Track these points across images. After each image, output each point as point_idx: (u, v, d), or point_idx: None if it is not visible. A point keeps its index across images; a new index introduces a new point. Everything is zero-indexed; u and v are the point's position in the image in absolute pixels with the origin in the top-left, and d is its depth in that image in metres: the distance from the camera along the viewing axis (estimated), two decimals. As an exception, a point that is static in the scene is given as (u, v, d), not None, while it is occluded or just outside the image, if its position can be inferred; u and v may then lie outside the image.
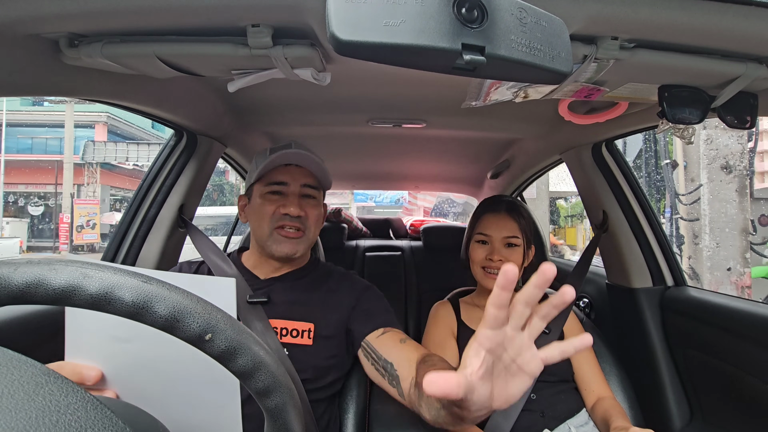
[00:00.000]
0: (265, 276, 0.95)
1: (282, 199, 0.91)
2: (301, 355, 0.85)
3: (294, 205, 0.90)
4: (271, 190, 0.91)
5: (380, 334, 0.85)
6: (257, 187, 0.93)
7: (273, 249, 0.90)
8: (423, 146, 1.64)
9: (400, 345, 0.82)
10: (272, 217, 0.90)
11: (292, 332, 0.87)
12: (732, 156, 4.65)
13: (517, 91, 0.79)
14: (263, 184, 0.92)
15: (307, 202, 0.93)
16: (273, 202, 0.91)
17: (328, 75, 0.73)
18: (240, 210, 1.01)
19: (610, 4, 0.51)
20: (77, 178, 15.14)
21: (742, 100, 0.73)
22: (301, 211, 0.90)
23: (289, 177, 0.92)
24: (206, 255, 0.99)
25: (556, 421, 0.93)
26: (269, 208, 0.90)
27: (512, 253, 1.03)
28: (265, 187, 0.92)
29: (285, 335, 0.86)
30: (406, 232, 2.75)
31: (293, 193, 0.92)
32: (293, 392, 0.40)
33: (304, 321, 0.88)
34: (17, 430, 0.22)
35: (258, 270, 0.96)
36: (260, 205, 0.91)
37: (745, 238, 4.62)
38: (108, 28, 0.60)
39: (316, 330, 0.87)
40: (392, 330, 0.86)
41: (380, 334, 0.85)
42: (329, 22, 0.35)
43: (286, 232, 0.90)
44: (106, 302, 0.32)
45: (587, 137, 1.23)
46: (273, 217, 0.90)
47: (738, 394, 1.00)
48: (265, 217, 0.90)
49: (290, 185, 0.92)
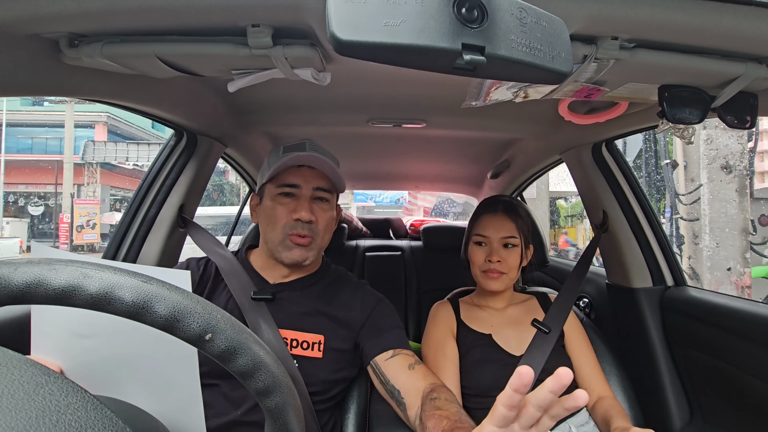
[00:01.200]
0: (274, 281, 0.92)
1: (293, 202, 0.89)
2: (311, 369, 0.83)
3: (305, 209, 0.87)
4: (282, 192, 0.89)
5: (389, 357, 0.85)
6: (269, 187, 0.91)
7: (283, 255, 0.88)
8: (423, 146, 1.64)
9: (408, 372, 0.82)
10: (285, 224, 0.88)
11: (302, 344, 0.85)
12: (732, 156, 4.65)
13: (517, 91, 0.79)
14: (275, 185, 0.90)
15: (319, 206, 0.91)
16: (284, 206, 0.89)
17: (328, 75, 0.73)
18: (252, 210, 0.99)
19: (610, 4, 0.51)
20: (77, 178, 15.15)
21: (742, 100, 0.73)
22: (312, 216, 0.88)
23: (301, 179, 0.89)
24: (211, 250, 0.98)
25: (556, 420, 0.93)
26: (281, 212, 0.88)
27: (510, 254, 1.02)
28: (277, 188, 0.89)
29: (296, 347, 0.84)
30: (406, 232, 2.75)
31: (305, 197, 0.89)
32: (293, 392, 0.40)
33: (314, 333, 0.86)
34: (17, 430, 0.22)
35: (267, 273, 0.93)
36: (271, 209, 0.89)
37: (745, 238, 4.62)
38: (108, 28, 0.60)
39: (326, 342, 0.86)
40: (402, 353, 0.86)
41: (389, 356, 0.85)
42: (329, 22, 0.35)
43: (297, 238, 0.88)
44: (107, 302, 0.32)
45: (587, 137, 1.23)
46: (286, 225, 0.88)
47: (738, 394, 1.00)
48: (278, 223, 0.88)
49: (302, 188, 0.89)
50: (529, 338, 1.01)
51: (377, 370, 0.85)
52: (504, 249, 1.03)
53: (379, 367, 0.84)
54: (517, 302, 1.11)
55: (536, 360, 0.97)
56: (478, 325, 1.05)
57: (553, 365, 0.98)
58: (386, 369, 0.84)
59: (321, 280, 0.96)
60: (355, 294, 0.95)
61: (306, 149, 0.90)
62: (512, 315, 1.07)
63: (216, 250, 0.98)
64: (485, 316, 1.07)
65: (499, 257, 1.01)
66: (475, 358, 1.00)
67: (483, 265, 1.03)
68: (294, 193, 0.89)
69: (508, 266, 1.02)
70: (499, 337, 1.02)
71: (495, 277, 1.02)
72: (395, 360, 0.84)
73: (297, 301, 0.90)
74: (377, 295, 0.98)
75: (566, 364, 1.01)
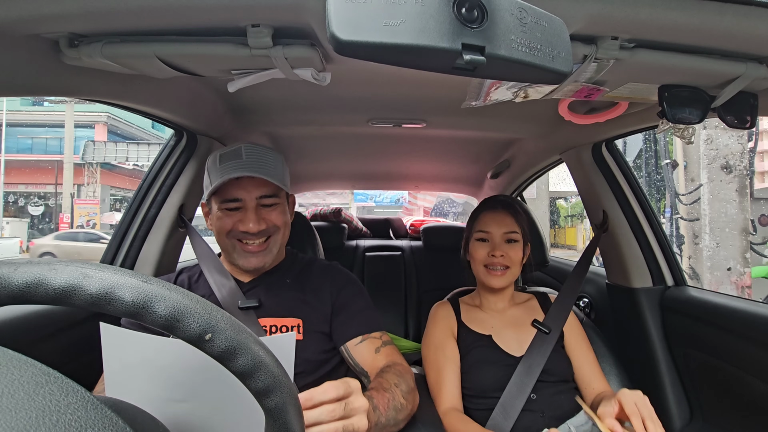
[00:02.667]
0: (246, 279, 0.95)
1: (239, 213, 0.87)
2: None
3: (252, 221, 0.86)
4: (228, 207, 0.87)
5: (358, 342, 0.89)
6: (214, 199, 0.89)
7: (240, 263, 0.90)
8: (423, 146, 1.64)
9: (374, 355, 0.87)
10: (230, 232, 0.88)
11: (281, 328, 0.88)
12: (732, 156, 4.65)
13: (517, 91, 0.79)
14: (219, 199, 0.88)
15: (268, 212, 0.89)
16: (231, 217, 0.87)
17: (328, 75, 0.73)
18: (205, 217, 0.98)
19: (610, 4, 0.51)
20: (77, 178, 15.15)
21: (742, 100, 0.73)
22: (260, 225, 0.87)
23: (243, 192, 0.87)
24: (202, 260, 0.99)
25: (556, 420, 0.93)
26: (228, 223, 0.87)
27: (512, 249, 1.03)
28: (221, 203, 0.88)
29: (275, 332, 0.87)
30: (406, 232, 2.75)
31: (250, 208, 0.87)
32: (293, 392, 0.40)
33: (292, 317, 0.89)
34: (17, 430, 0.22)
35: (236, 275, 0.95)
36: (219, 220, 0.88)
37: (745, 238, 4.62)
38: (108, 28, 0.60)
39: (305, 325, 0.89)
40: (369, 338, 0.89)
41: (358, 342, 0.89)
42: (329, 22, 0.35)
43: (249, 247, 0.88)
44: (106, 302, 0.32)
45: (587, 137, 1.23)
46: (232, 233, 0.88)
47: (738, 394, 1.00)
48: (223, 232, 0.88)
49: (245, 200, 0.87)
50: (530, 339, 1.01)
51: (348, 354, 0.89)
52: (506, 244, 1.04)
53: (349, 352, 0.89)
54: (518, 302, 1.11)
55: (536, 361, 0.97)
56: (479, 326, 1.05)
57: (554, 365, 0.98)
58: (355, 353, 0.88)
59: (290, 269, 0.98)
60: (324, 276, 0.97)
61: (242, 156, 0.87)
62: (512, 316, 1.07)
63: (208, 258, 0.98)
64: (485, 318, 1.07)
65: (503, 252, 1.02)
66: (475, 359, 1.00)
67: (486, 259, 1.03)
68: (238, 206, 0.87)
69: (510, 260, 1.02)
70: (500, 338, 1.02)
71: (499, 274, 1.02)
72: (363, 345, 0.88)
73: (272, 292, 0.92)
74: (346, 275, 1.00)
75: (566, 364, 1.01)
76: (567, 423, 0.92)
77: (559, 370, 0.99)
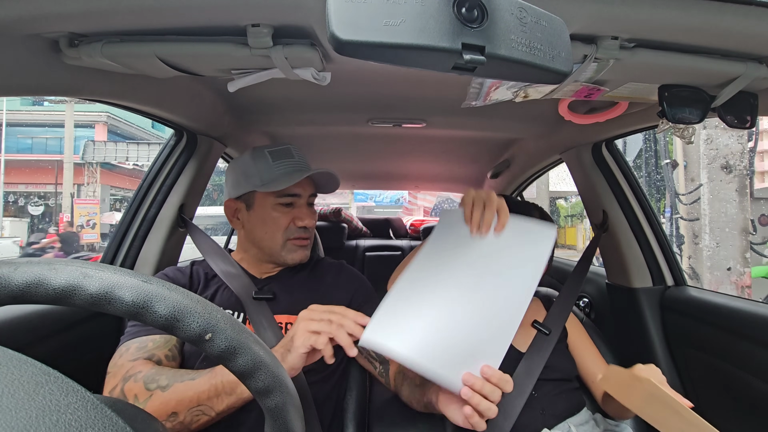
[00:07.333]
0: (261, 275, 0.97)
1: (293, 209, 0.94)
2: None
3: (309, 217, 0.94)
4: (284, 202, 0.93)
5: None
6: (263, 195, 0.93)
7: (287, 258, 0.93)
8: (423, 146, 1.64)
9: None
10: (287, 229, 0.93)
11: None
12: (732, 156, 4.64)
13: (517, 91, 0.79)
14: (274, 195, 0.92)
15: (312, 210, 0.98)
16: (286, 214, 0.93)
17: (328, 75, 0.73)
18: (231, 215, 0.98)
19: (610, 4, 0.51)
20: (77, 178, 15.13)
21: (742, 99, 0.73)
22: (314, 220, 0.96)
23: (300, 189, 0.94)
24: (209, 255, 0.99)
25: (556, 419, 0.93)
26: (283, 220, 0.93)
27: None
28: (276, 198, 0.93)
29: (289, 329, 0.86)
30: (406, 231, 2.75)
31: (303, 204, 0.96)
32: (293, 392, 0.40)
33: None
34: (17, 430, 0.22)
35: (253, 270, 0.97)
36: (271, 217, 0.93)
37: (745, 237, 4.62)
38: (108, 28, 0.60)
39: None
40: None
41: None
42: (329, 21, 0.35)
43: (300, 241, 0.95)
44: (107, 302, 0.32)
45: (587, 137, 1.23)
46: (288, 230, 0.93)
47: (738, 394, 1.00)
48: (279, 230, 0.93)
49: (302, 197, 0.95)
50: (530, 339, 1.01)
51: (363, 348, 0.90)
52: None
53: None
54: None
55: (536, 362, 0.97)
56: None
57: (556, 362, 0.98)
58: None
59: (305, 267, 1.01)
60: (338, 275, 1.02)
61: (294, 156, 0.96)
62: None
63: (215, 252, 0.99)
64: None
65: None
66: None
67: None
68: (292, 201, 0.94)
69: None
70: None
71: None
72: None
73: (287, 289, 0.94)
74: (357, 275, 1.05)
75: (568, 363, 1.01)
76: (567, 421, 0.92)
77: (561, 369, 0.99)
